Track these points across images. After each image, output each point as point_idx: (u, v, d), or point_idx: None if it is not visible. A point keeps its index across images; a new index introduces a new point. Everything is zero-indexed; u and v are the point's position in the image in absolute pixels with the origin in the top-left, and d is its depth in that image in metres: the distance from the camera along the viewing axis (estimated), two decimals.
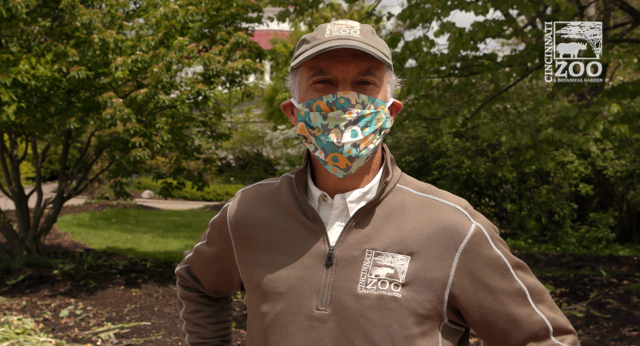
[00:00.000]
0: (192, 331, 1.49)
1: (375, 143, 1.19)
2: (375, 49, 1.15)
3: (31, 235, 7.62)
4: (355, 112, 1.15)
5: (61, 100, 6.55)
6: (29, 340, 4.44)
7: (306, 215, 1.23)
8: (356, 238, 1.19)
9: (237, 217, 1.31)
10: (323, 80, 1.17)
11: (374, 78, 1.17)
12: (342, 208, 1.22)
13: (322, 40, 1.16)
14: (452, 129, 5.13)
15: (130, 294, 6.51)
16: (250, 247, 1.28)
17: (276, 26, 11.89)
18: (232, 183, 23.42)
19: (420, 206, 1.22)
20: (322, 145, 1.17)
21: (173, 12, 6.45)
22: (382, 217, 1.20)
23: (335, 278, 1.17)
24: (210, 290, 1.47)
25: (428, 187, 1.27)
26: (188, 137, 7.73)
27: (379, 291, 1.15)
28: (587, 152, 9.22)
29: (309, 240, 1.21)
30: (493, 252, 1.20)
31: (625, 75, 12.69)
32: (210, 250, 1.40)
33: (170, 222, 13.88)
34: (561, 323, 1.23)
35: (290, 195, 1.27)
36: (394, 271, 1.16)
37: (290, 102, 1.26)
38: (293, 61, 1.20)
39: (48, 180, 24.54)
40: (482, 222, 1.22)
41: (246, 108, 25.65)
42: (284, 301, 1.19)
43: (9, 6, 5.72)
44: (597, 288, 6.48)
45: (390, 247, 1.17)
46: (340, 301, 1.16)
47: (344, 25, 1.20)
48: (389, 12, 6.40)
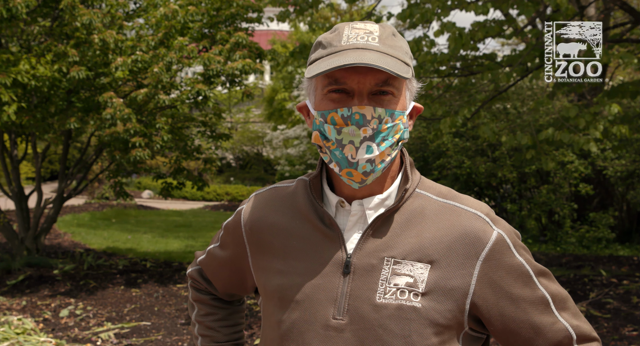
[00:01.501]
0: (205, 334, 1.46)
1: (392, 155, 1.16)
2: (394, 59, 1.11)
3: (31, 235, 7.62)
4: (370, 128, 1.11)
5: (61, 100, 6.55)
6: (29, 340, 4.44)
7: (323, 222, 1.20)
8: (374, 245, 1.16)
9: (251, 221, 1.29)
10: (339, 89, 1.13)
11: (392, 88, 1.13)
12: (359, 215, 1.19)
13: (339, 49, 1.13)
14: (452, 129, 5.12)
15: (130, 294, 6.51)
16: (265, 252, 1.26)
17: (276, 26, 11.88)
18: (232, 183, 23.41)
19: (440, 212, 1.19)
20: (336, 159, 1.14)
21: (173, 12, 6.45)
22: (401, 224, 1.18)
23: (352, 286, 1.15)
24: (223, 293, 1.44)
25: (448, 192, 1.23)
26: (188, 137, 7.73)
27: (398, 300, 1.12)
28: (587, 152, 9.22)
29: (326, 247, 1.18)
30: (515, 259, 1.17)
31: (625, 75, 12.69)
32: (223, 254, 1.38)
33: (170, 222, 13.87)
34: (585, 330, 1.21)
35: (306, 200, 1.24)
36: (414, 280, 1.13)
37: (305, 104, 1.23)
38: (307, 68, 1.16)
39: (48, 180, 24.53)
40: (504, 228, 1.19)
41: (246, 108, 25.66)
42: (300, 310, 1.17)
43: (9, 6, 5.72)
44: (597, 288, 6.48)
45: (410, 255, 1.15)
46: (358, 310, 1.13)
47: (363, 30, 1.15)
48: (389, 12, 6.41)
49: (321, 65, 1.11)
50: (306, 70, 1.16)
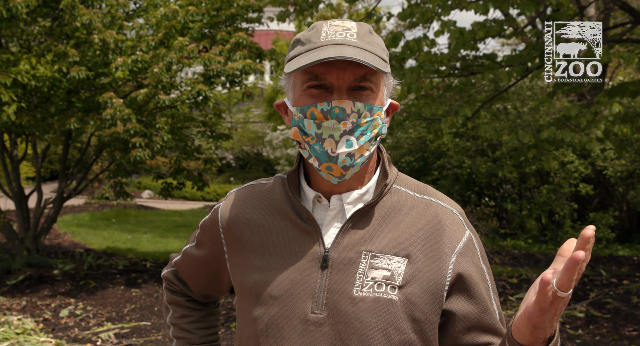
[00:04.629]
0: (180, 336, 1.45)
1: (370, 150, 1.16)
2: (372, 55, 1.11)
3: (31, 235, 7.62)
4: (350, 122, 1.12)
5: (61, 100, 6.55)
6: (29, 340, 4.44)
7: (300, 217, 1.21)
8: (352, 240, 1.17)
9: (229, 218, 1.28)
10: (318, 85, 1.13)
11: (371, 84, 1.14)
12: (338, 210, 1.20)
13: (317, 45, 1.13)
14: (453, 129, 5.13)
15: (130, 294, 6.51)
16: (242, 249, 1.25)
17: (276, 26, 11.88)
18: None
19: (417, 207, 1.21)
20: (316, 153, 1.15)
21: (173, 12, 6.45)
22: (379, 218, 1.19)
23: (330, 280, 1.15)
24: (199, 294, 1.43)
25: (425, 188, 1.25)
26: (188, 137, 7.73)
27: (375, 293, 1.13)
28: (588, 152, 9.22)
29: (304, 242, 1.19)
30: (481, 265, 1.20)
31: (625, 75, 12.69)
32: (199, 253, 1.37)
33: (170, 222, 13.87)
34: None
35: (283, 196, 1.24)
36: (391, 273, 1.14)
37: (283, 102, 1.23)
38: (286, 64, 1.16)
39: (48, 180, 24.52)
40: (474, 233, 1.22)
41: (246, 108, 25.66)
42: (278, 305, 1.17)
43: (9, 6, 5.72)
44: (597, 288, 6.48)
45: (387, 249, 1.16)
46: (335, 304, 1.14)
47: (340, 26, 1.15)
48: (389, 12, 6.40)
49: (301, 60, 1.11)
50: (285, 67, 1.16)
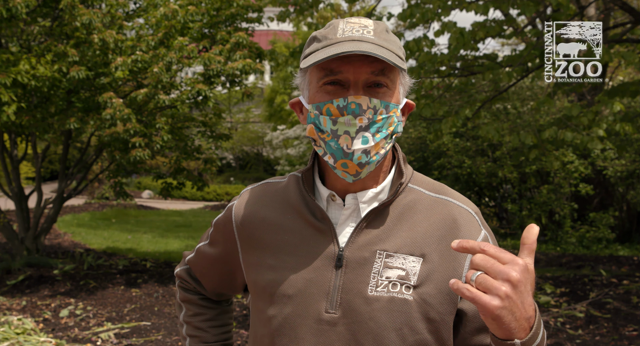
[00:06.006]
0: (193, 335, 1.44)
1: (386, 148, 1.15)
2: (389, 52, 1.10)
3: (31, 235, 7.62)
4: (366, 118, 1.10)
5: (61, 100, 6.55)
6: (29, 340, 4.44)
7: (315, 216, 1.20)
8: (367, 239, 1.16)
9: (243, 217, 1.27)
10: (334, 81, 1.12)
11: (387, 80, 1.13)
12: (353, 209, 1.19)
13: (334, 41, 1.12)
14: (453, 129, 5.13)
15: (130, 294, 6.50)
16: (256, 247, 1.24)
17: (276, 26, 11.88)
18: (232, 183, 23.42)
19: (432, 207, 1.20)
20: (331, 150, 1.13)
21: (173, 12, 6.45)
22: (394, 218, 1.18)
23: (345, 280, 1.14)
24: (212, 292, 1.43)
25: (440, 187, 1.24)
26: (188, 137, 7.73)
27: (389, 293, 1.12)
28: (588, 152, 9.22)
29: (318, 241, 1.18)
30: None
31: (625, 75, 12.70)
32: (213, 251, 1.36)
33: (170, 222, 13.87)
34: None
35: (297, 195, 1.23)
36: (406, 273, 1.13)
37: (298, 100, 1.22)
38: (302, 61, 1.15)
39: (48, 180, 24.53)
40: (489, 233, 1.20)
41: (246, 108, 25.66)
42: (293, 304, 1.16)
43: (9, 6, 5.72)
44: (597, 288, 6.48)
45: (402, 248, 1.15)
46: (350, 303, 1.13)
47: (357, 24, 1.15)
48: (389, 12, 6.40)
49: (318, 55, 1.11)
50: (301, 63, 1.15)
